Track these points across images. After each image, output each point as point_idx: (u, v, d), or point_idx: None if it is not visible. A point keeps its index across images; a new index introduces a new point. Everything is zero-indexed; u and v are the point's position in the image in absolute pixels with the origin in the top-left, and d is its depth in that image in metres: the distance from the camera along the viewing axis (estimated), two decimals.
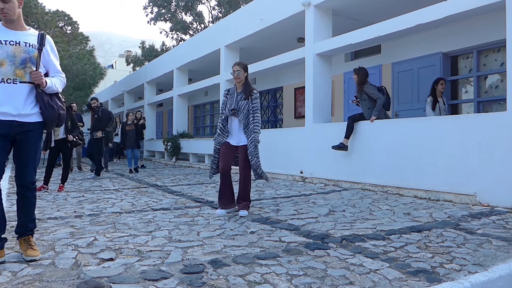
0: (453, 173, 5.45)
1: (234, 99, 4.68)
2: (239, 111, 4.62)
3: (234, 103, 4.65)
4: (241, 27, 10.73)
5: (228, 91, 4.82)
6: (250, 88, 4.69)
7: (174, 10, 29.41)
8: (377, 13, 8.24)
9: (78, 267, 2.74)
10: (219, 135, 4.74)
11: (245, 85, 4.70)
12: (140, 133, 12.33)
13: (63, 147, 7.32)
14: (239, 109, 4.62)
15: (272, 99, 14.42)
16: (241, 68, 4.67)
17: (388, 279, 2.49)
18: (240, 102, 4.64)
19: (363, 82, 6.83)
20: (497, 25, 6.73)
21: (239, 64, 4.71)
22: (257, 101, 4.68)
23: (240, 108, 4.62)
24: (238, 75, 4.65)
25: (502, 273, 2.55)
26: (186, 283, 2.43)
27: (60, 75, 3.21)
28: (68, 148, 7.38)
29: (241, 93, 4.69)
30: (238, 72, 4.66)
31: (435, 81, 7.24)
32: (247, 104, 4.62)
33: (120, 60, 57.38)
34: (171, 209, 5.08)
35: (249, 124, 4.61)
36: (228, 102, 4.73)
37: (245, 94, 4.65)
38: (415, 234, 3.62)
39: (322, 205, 5.23)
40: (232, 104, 4.66)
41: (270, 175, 9.15)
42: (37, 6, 18.31)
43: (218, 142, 4.74)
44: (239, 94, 4.68)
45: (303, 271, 2.64)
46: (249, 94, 4.65)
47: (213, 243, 3.35)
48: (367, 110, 6.80)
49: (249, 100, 4.63)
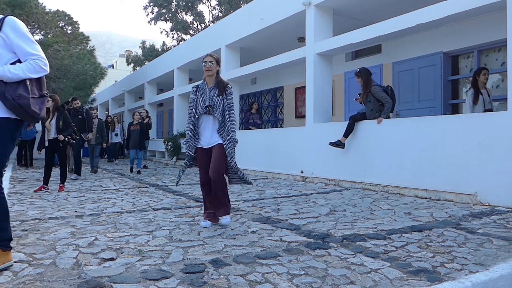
0: (454, 172, 5.45)
1: (206, 96, 4.16)
2: (214, 108, 4.11)
3: (207, 100, 4.13)
4: (241, 27, 10.72)
5: (197, 88, 4.28)
6: (224, 83, 4.23)
7: (175, 10, 29.41)
8: (377, 13, 8.24)
9: (79, 267, 2.74)
10: (191, 139, 4.19)
11: (217, 80, 4.23)
12: (145, 133, 12.21)
13: (57, 147, 7.22)
14: (214, 106, 4.11)
15: (273, 99, 14.41)
16: (214, 59, 4.18)
17: (389, 278, 2.49)
18: (214, 98, 4.14)
19: (369, 83, 6.79)
20: (497, 24, 6.73)
21: (212, 55, 4.22)
22: (232, 96, 4.25)
23: (215, 104, 4.12)
24: (210, 67, 4.14)
25: (503, 273, 2.55)
26: (187, 282, 2.43)
27: (32, 57, 2.71)
28: (61, 148, 7.24)
29: (213, 88, 4.19)
30: (211, 64, 4.15)
31: (476, 71, 6.52)
32: (222, 100, 4.15)
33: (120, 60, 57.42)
34: (171, 209, 5.08)
35: (225, 122, 4.14)
36: (200, 99, 4.20)
37: (219, 89, 4.17)
38: (416, 233, 3.62)
39: (322, 205, 5.23)
40: (205, 100, 4.14)
41: (270, 174, 9.15)
42: (38, 6, 18.32)
43: (190, 147, 4.20)
44: (212, 90, 4.19)
45: (304, 270, 2.64)
46: (224, 89, 4.18)
47: (214, 243, 3.35)
48: (370, 112, 6.77)
49: (224, 95, 4.16)
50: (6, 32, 2.65)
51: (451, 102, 8.42)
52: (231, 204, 4.34)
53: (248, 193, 6.53)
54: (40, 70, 2.73)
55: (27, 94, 2.68)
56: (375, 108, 6.72)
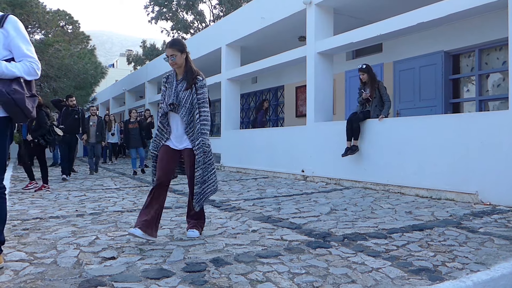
0: (455, 171, 5.44)
1: (173, 90, 3.53)
2: (180, 106, 3.49)
3: (173, 95, 3.50)
4: (242, 26, 10.72)
5: (167, 79, 3.67)
6: (193, 74, 3.56)
7: (175, 9, 29.39)
8: (378, 12, 8.23)
9: (80, 266, 2.74)
10: (157, 137, 3.64)
11: (186, 70, 3.56)
12: (148, 131, 12.13)
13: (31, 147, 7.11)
14: (180, 103, 3.49)
15: (274, 98, 14.41)
16: (176, 50, 3.49)
17: (390, 277, 2.49)
18: (181, 93, 3.51)
19: (375, 79, 6.88)
20: (499, 23, 6.72)
21: (172, 46, 3.51)
22: (204, 90, 3.58)
23: (181, 101, 3.49)
24: (173, 61, 3.49)
25: (505, 272, 2.55)
26: (188, 281, 2.43)
27: (27, 59, 2.69)
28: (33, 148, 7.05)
29: (181, 81, 3.56)
30: (173, 58, 3.49)
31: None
32: (190, 95, 3.50)
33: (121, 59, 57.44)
34: (172, 208, 5.08)
35: (194, 122, 3.49)
36: (167, 93, 3.60)
37: (187, 81, 3.53)
38: (417, 232, 3.62)
39: (323, 204, 5.23)
40: (171, 96, 3.52)
41: (271, 173, 9.15)
42: (38, 6, 18.33)
43: (154, 146, 3.64)
44: (180, 83, 3.55)
45: (305, 269, 2.64)
46: (193, 81, 3.53)
47: (215, 242, 3.35)
48: (374, 108, 6.79)
49: (193, 89, 3.53)
50: (7, 29, 2.65)
51: (452, 101, 8.41)
52: (205, 220, 3.79)
53: (249, 192, 6.53)
54: (33, 73, 2.72)
55: (22, 90, 2.65)
56: (379, 104, 6.77)
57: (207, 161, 3.52)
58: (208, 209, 4.94)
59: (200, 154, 3.46)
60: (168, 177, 3.54)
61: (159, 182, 3.48)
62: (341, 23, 8.64)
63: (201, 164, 3.46)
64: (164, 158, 3.55)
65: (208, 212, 4.73)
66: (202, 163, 3.47)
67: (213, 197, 5.96)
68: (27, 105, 2.64)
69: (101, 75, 20.18)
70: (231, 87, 11.51)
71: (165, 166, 3.53)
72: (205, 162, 3.50)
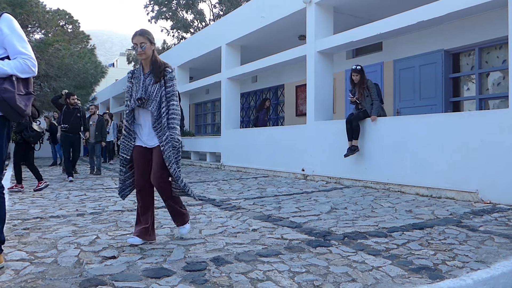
0: (455, 170, 5.45)
1: (141, 84, 3.34)
2: (149, 100, 3.29)
3: (141, 90, 3.31)
4: (242, 25, 10.71)
5: (133, 74, 3.49)
6: (161, 66, 3.37)
7: (175, 9, 29.37)
8: (378, 11, 8.22)
9: (81, 265, 2.74)
10: (126, 138, 3.39)
11: (153, 63, 3.37)
12: None
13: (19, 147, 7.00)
14: (149, 98, 3.29)
15: (274, 97, 14.40)
16: (146, 39, 3.30)
17: (391, 276, 2.49)
18: (149, 87, 3.32)
19: (364, 80, 6.81)
20: (499, 22, 6.71)
21: (142, 34, 3.32)
22: (174, 82, 3.38)
23: (150, 95, 3.29)
24: (142, 50, 3.29)
25: (505, 270, 2.55)
26: (189, 280, 2.43)
27: (21, 56, 2.67)
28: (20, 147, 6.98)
29: (149, 74, 3.36)
30: (143, 46, 3.28)
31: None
32: (159, 89, 3.32)
33: (121, 59, 57.36)
34: None
35: (161, 116, 3.29)
36: (134, 89, 3.39)
37: (155, 75, 3.34)
38: (417, 231, 3.62)
39: (324, 203, 5.23)
40: (138, 91, 3.33)
41: (271, 172, 9.15)
42: (38, 5, 18.33)
43: (125, 147, 3.39)
44: (147, 76, 3.36)
45: (306, 268, 2.64)
46: (161, 74, 3.34)
47: (215, 241, 3.35)
48: (370, 106, 6.77)
49: (161, 83, 3.33)
50: (1, 28, 2.64)
51: (452, 100, 8.41)
52: (187, 211, 3.61)
53: (249, 191, 6.53)
54: (28, 70, 2.68)
55: (13, 88, 2.62)
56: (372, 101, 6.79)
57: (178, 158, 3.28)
58: (208, 208, 4.95)
59: (169, 149, 3.22)
60: (146, 180, 3.33)
61: (141, 187, 3.33)
62: (341, 22, 8.63)
63: (172, 159, 3.22)
64: (139, 161, 3.35)
65: (209, 211, 4.74)
66: (174, 159, 3.23)
67: (213, 196, 5.97)
68: (18, 104, 2.61)
69: (101, 75, 20.17)
70: (231, 86, 11.51)
71: (141, 169, 3.35)
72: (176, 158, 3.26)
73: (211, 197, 5.93)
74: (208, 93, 17.70)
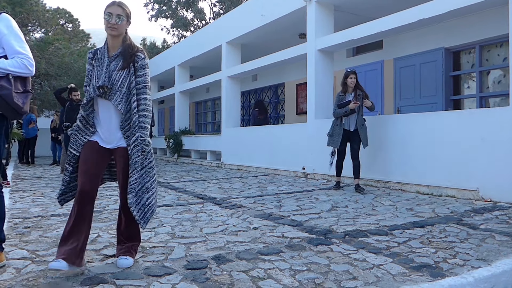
0: (456, 168, 5.45)
1: (104, 69, 2.71)
2: (112, 90, 2.69)
3: (103, 76, 2.69)
4: (242, 23, 10.70)
5: (95, 55, 2.81)
6: (132, 49, 2.76)
7: (175, 7, 29.35)
8: (379, 8, 8.21)
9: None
10: (80, 131, 2.76)
11: (124, 44, 2.76)
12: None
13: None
14: (113, 86, 2.69)
15: (274, 95, 14.40)
16: (123, 12, 2.69)
17: (392, 274, 2.49)
18: (114, 73, 2.70)
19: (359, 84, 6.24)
20: (499, 20, 6.70)
21: (121, 6, 2.71)
22: (146, 72, 2.79)
23: (115, 83, 2.68)
24: (117, 23, 2.66)
25: (506, 268, 2.55)
26: (190, 279, 2.43)
27: (19, 56, 2.66)
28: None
29: (116, 57, 2.74)
30: (120, 18, 2.67)
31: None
32: (127, 76, 2.71)
33: None
34: (173, 206, 5.08)
35: (131, 112, 2.71)
36: (94, 73, 2.76)
37: (124, 59, 2.72)
38: (418, 229, 3.62)
39: (324, 201, 5.24)
40: (100, 76, 2.71)
41: (272, 171, 9.15)
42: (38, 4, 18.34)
43: (77, 142, 2.75)
44: (113, 60, 2.73)
45: (307, 266, 2.64)
46: (131, 58, 2.73)
47: (216, 239, 3.35)
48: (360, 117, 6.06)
49: (131, 69, 2.73)
50: (0, 28, 2.66)
51: (452, 98, 8.40)
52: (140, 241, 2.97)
53: (250, 189, 6.53)
54: (25, 69, 2.68)
55: (10, 86, 2.62)
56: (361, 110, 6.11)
57: (147, 164, 2.73)
58: (209, 207, 4.95)
59: (137, 153, 2.67)
60: (95, 185, 2.67)
61: (83, 192, 2.60)
62: (341, 20, 8.62)
63: (138, 166, 2.68)
64: (89, 159, 2.69)
65: (209, 210, 4.74)
66: (140, 166, 2.69)
67: (213, 195, 5.96)
68: (16, 101, 2.62)
69: None
70: (232, 84, 11.50)
71: (91, 170, 2.67)
72: (144, 165, 2.72)
73: (211, 195, 5.93)
74: (208, 91, 17.70)
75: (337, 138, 6.03)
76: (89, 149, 2.72)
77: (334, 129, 6.11)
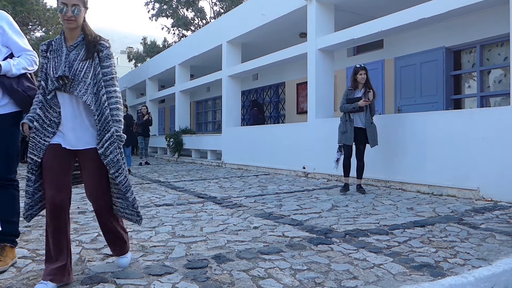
0: (456, 168, 5.44)
1: (62, 59, 2.43)
2: (75, 81, 2.40)
3: (63, 66, 2.40)
4: (243, 23, 10.69)
5: (49, 46, 2.51)
6: (95, 38, 2.51)
7: (176, 6, 29.34)
8: (379, 8, 8.20)
9: (83, 263, 2.75)
10: (38, 133, 2.41)
11: (84, 32, 2.50)
12: (145, 128, 12.07)
13: None
14: (75, 77, 2.40)
15: (275, 95, 14.40)
16: (78, 1, 2.41)
17: (392, 273, 2.49)
18: (76, 63, 2.42)
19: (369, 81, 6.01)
20: (500, 19, 6.69)
21: None
22: (112, 62, 2.54)
23: (77, 75, 2.40)
24: (74, 15, 2.40)
25: (506, 267, 2.55)
26: (190, 278, 2.43)
27: (27, 53, 2.72)
28: None
29: (76, 46, 2.47)
30: (76, 9, 2.40)
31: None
32: (91, 67, 2.45)
33: (121, 57, 57.28)
34: (174, 205, 5.08)
35: (102, 107, 2.43)
36: (51, 65, 2.44)
37: (88, 48, 2.47)
38: (419, 228, 3.62)
39: (325, 200, 5.24)
40: (58, 67, 2.41)
41: (272, 170, 9.15)
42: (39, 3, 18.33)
43: (36, 146, 2.40)
44: (73, 49, 2.46)
45: (307, 265, 2.64)
46: (95, 48, 2.48)
47: (217, 238, 3.35)
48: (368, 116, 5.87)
49: (95, 60, 2.47)
50: (2, 26, 2.68)
51: (453, 97, 8.39)
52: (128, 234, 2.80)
53: (250, 189, 6.53)
54: (34, 66, 2.77)
55: (33, 85, 2.73)
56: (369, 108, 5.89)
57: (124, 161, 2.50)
58: (209, 206, 4.95)
59: (116, 151, 2.43)
60: (65, 195, 2.39)
61: (53, 206, 2.33)
62: (342, 19, 8.61)
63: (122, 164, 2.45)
64: (54, 165, 2.38)
65: (210, 209, 4.74)
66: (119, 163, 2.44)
67: (214, 194, 5.96)
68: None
69: None
70: (232, 84, 11.50)
71: (59, 179, 2.38)
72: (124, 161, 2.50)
73: (212, 194, 5.93)
74: (209, 91, 17.70)
75: (350, 135, 5.79)
76: (52, 154, 2.39)
77: (346, 126, 5.83)
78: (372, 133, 5.79)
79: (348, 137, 5.82)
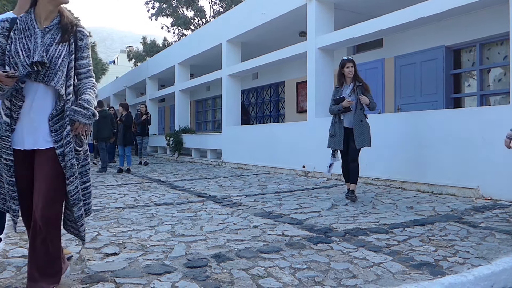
0: (456, 166, 5.44)
1: (38, 41, 2.13)
2: (51, 69, 2.13)
3: (39, 49, 2.11)
4: (242, 22, 10.69)
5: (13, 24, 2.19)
6: (72, 21, 2.27)
7: (176, 5, 29.33)
8: (379, 7, 8.20)
9: (82, 262, 2.75)
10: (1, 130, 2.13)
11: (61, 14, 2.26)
12: (143, 127, 12.05)
13: None
14: (52, 64, 2.13)
15: (274, 94, 14.39)
16: None
17: (392, 272, 2.49)
18: (52, 48, 2.15)
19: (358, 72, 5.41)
20: (500, 18, 6.68)
21: None
22: (90, 52, 2.36)
23: (54, 62, 2.14)
24: None
25: (506, 266, 2.55)
26: (190, 277, 2.43)
27: None
28: None
29: (52, 28, 2.20)
30: None
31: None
32: (67, 53, 2.20)
33: (121, 56, 57.30)
34: (174, 204, 5.09)
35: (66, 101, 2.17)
36: (18, 45, 2.13)
37: (64, 30, 2.20)
38: (418, 227, 3.62)
39: (325, 199, 5.24)
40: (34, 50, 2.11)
41: (272, 169, 9.15)
42: None
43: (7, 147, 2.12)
44: (48, 32, 2.18)
45: (307, 264, 2.64)
46: (72, 30, 2.23)
47: (216, 238, 3.35)
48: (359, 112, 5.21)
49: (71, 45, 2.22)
50: None
51: (453, 96, 8.39)
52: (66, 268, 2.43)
53: (250, 188, 6.54)
54: None
55: None
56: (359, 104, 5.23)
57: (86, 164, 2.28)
58: (209, 205, 4.95)
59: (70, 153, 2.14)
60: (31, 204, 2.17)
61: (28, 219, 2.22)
62: (342, 18, 8.61)
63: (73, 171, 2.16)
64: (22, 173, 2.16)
65: (210, 208, 4.74)
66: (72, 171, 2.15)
67: (214, 193, 5.96)
68: None
69: (101, 72, 20.22)
70: (232, 83, 11.50)
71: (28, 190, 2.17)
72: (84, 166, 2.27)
73: (212, 194, 5.93)
74: (208, 90, 17.69)
75: (338, 138, 5.19)
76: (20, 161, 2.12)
77: (334, 128, 5.29)
78: (359, 132, 5.07)
79: (336, 141, 5.22)
